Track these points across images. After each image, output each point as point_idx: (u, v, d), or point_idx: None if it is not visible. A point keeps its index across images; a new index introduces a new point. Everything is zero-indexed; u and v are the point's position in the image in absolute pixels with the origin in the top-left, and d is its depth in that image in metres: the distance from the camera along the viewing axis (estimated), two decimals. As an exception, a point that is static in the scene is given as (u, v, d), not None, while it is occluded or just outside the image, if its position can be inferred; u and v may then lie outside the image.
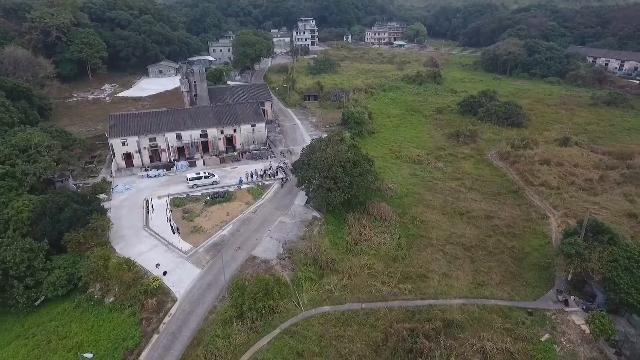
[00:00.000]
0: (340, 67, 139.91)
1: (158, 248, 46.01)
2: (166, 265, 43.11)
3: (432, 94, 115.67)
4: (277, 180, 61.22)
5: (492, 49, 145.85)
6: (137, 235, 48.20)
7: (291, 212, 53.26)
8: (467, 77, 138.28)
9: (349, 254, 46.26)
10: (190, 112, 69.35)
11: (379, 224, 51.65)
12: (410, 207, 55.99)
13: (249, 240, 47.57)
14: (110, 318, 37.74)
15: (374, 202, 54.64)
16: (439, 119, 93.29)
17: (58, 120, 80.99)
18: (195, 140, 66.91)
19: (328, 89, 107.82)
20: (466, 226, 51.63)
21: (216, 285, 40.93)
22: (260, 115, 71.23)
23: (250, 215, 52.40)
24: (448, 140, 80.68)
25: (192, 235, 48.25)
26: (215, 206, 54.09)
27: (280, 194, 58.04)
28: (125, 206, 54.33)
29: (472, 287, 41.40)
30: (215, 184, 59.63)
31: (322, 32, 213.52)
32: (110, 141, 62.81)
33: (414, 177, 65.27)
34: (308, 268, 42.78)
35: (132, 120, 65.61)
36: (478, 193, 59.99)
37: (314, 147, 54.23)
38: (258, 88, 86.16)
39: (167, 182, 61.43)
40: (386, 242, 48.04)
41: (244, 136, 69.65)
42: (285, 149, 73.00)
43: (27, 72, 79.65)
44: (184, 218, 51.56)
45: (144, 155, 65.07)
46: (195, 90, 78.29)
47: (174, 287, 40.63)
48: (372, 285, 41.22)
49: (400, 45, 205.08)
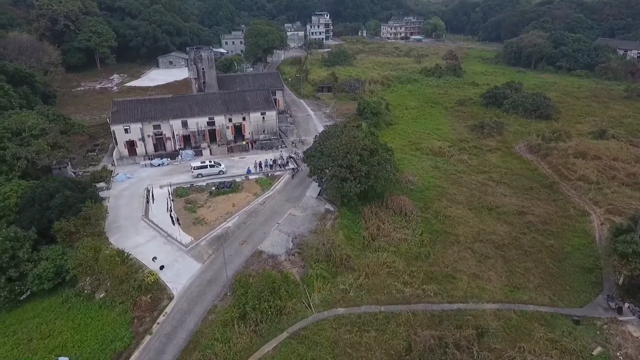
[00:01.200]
0: (356, 60, 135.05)
1: (156, 240, 42.06)
2: (164, 259, 39.09)
3: (453, 86, 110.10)
4: (287, 171, 56.86)
5: (516, 41, 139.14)
6: (135, 226, 44.36)
7: (302, 204, 48.83)
8: (488, 70, 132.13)
9: (365, 250, 41.60)
10: (197, 98, 65.48)
11: (399, 218, 46.85)
12: (432, 201, 51.05)
13: (255, 233, 43.29)
14: (99, 316, 33.80)
15: (393, 195, 49.87)
16: (460, 111, 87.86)
17: (62, 108, 78.05)
18: (202, 128, 62.99)
19: (342, 80, 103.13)
20: (496, 222, 46.46)
21: (218, 281, 36.70)
22: (271, 102, 67.00)
23: (258, 207, 48.14)
24: (471, 132, 75.30)
25: (193, 227, 44.19)
26: (220, 197, 49.99)
27: (291, 185, 53.66)
28: (125, 195, 50.62)
29: (507, 290, 36.31)
30: (221, 174, 55.54)
31: (337, 27, 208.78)
32: (112, 128, 59.31)
33: (436, 169, 60.21)
34: (320, 265, 38.29)
35: (136, 107, 62.02)
36: (508, 187, 54.65)
37: (328, 133, 49.67)
38: (270, 76, 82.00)
39: (170, 171, 57.59)
40: (407, 239, 43.21)
41: (254, 125, 65.48)
42: (297, 139, 68.63)
43: (31, 58, 77.14)
44: (186, 209, 47.55)
45: (148, 143, 61.41)
46: (203, 77, 74.43)
47: (171, 283, 36.54)
48: (393, 285, 36.47)
49: (417, 39, 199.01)
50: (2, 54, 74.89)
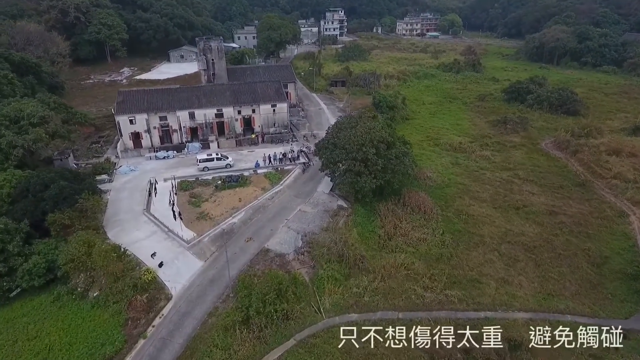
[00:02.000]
0: (370, 55, 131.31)
1: (157, 235, 39.32)
2: (163, 256, 36.29)
3: (472, 81, 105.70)
4: (298, 165, 53.73)
5: (538, 36, 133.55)
6: (136, 220, 41.74)
7: (313, 200, 45.63)
8: (508, 66, 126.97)
9: (381, 250, 38.17)
10: (205, 89, 62.80)
11: (417, 216, 43.26)
12: (453, 198, 47.33)
13: (262, 230, 40.24)
14: (91, 316, 31.10)
15: (411, 192, 46.32)
16: (481, 107, 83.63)
17: (70, 99, 76.36)
18: (209, 120, 60.25)
19: (357, 74, 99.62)
20: (525, 222, 42.53)
21: (220, 281, 33.72)
22: (282, 94, 63.94)
23: (266, 202, 45.09)
24: (493, 127, 71.16)
25: (197, 222, 41.35)
26: (226, 191, 47.11)
27: (302, 180, 50.52)
28: (127, 188, 48.12)
29: (540, 297, 32.52)
30: (228, 168, 52.69)
31: (352, 23, 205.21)
32: (117, 118, 56.96)
33: (456, 166, 56.42)
34: (332, 265, 35.01)
35: (142, 97, 59.60)
36: (535, 185, 50.58)
37: (342, 124, 46.36)
38: (281, 69, 78.99)
39: (176, 164, 54.98)
40: (427, 238, 39.63)
41: (264, 117, 62.49)
42: (308, 133, 65.45)
43: (39, 48, 75.70)
44: (190, 203, 44.78)
45: (154, 135, 58.91)
46: (213, 68, 71.79)
47: (170, 282, 33.69)
48: (412, 289, 32.98)
49: (434, 36, 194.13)
50: (10, 44, 73.52)
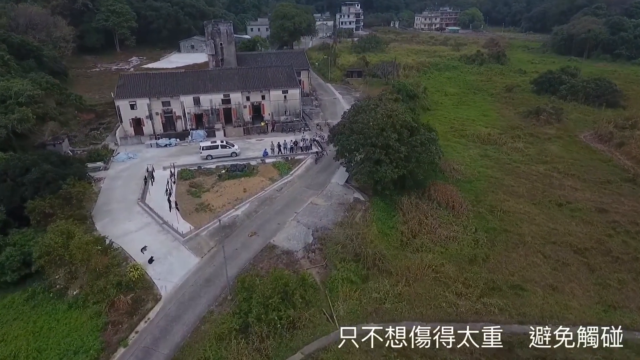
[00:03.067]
0: (388, 47, 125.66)
1: (150, 227, 34.95)
2: (155, 250, 31.87)
3: (496, 73, 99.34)
4: (310, 155, 48.90)
5: (566, 28, 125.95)
6: (128, 210, 37.48)
7: (326, 191, 40.72)
8: (535, 58, 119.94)
9: (405, 249, 33.03)
10: (212, 74, 58.48)
11: (445, 212, 38.01)
12: (485, 193, 41.89)
13: (268, 224, 35.50)
14: (68, 318, 26.78)
15: (437, 184, 41.10)
16: (509, 98, 77.65)
17: (73, 86, 73.15)
18: (216, 106, 55.88)
19: (374, 64, 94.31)
20: (571, 221, 36.85)
21: (217, 281, 29.08)
22: (294, 80, 59.19)
23: (274, 194, 40.37)
24: (524, 119, 65.21)
25: (195, 214, 36.85)
26: (230, 181, 42.57)
27: (314, 171, 45.67)
28: (123, 177, 44.02)
29: (599, 309, 26.97)
30: (234, 156, 48.23)
31: (368, 18, 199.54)
32: (117, 103, 53.04)
33: (486, 158, 50.87)
34: (347, 265, 30.10)
35: (145, 81, 55.59)
36: (578, 180, 44.75)
37: (360, 107, 41.33)
38: (294, 55, 74.27)
39: (178, 152, 50.75)
40: (457, 237, 34.32)
41: (274, 105, 57.83)
42: (322, 122, 60.54)
43: (42, 32, 72.65)
44: (190, 193, 40.35)
45: (156, 121, 54.83)
46: (221, 54, 67.62)
47: (160, 281, 29.20)
48: (442, 296, 27.79)
49: (454, 30, 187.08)
50: (11, 26, 70.53)
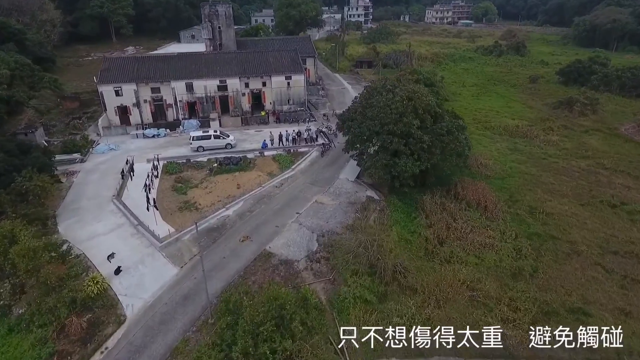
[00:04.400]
0: (399, 38, 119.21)
1: (123, 230, 29.14)
2: (125, 258, 26.05)
3: (516, 65, 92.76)
4: (316, 147, 42.91)
5: (589, 19, 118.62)
6: (100, 208, 31.72)
7: (334, 189, 34.66)
8: (556, 50, 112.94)
9: (431, 259, 26.88)
10: (208, 58, 52.61)
11: (476, 214, 31.79)
12: (521, 191, 35.60)
13: (264, 226, 29.54)
14: (5, 346, 21.06)
15: (465, 181, 34.92)
16: (534, 89, 71.04)
17: (60, 74, 67.91)
18: (211, 93, 50.07)
19: (385, 54, 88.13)
20: (631, 226, 30.44)
21: (198, 299, 23.16)
22: (298, 65, 53.16)
23: (272, 191, 34.41)
24: (554, 110, 58.62)
25: (178, 214, 31.01)
26: (223, 175, 36.70)
27: (320, 165, 39.65)
28: (100, 170, 38.35)
29: (693, 343, 20.62)
30: (229, 148, 42.40)
31: (377, 11, 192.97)
32: (100, 89, 47.49)
33: (517, 152, 44.54)
34: (360, 280, 24.09)
35: (132, 65, 49.93)
36: (629, 177, 38.28)
37: (375, 89, 35.16)
38: (299, 41, 68.25)
39: (167, 143, 45.04)
40: (494, 244, 28.08)
41: (276, 92, 51.88)
42: (329, 112, 54.51)
43: (26, 15, 67.49)
44: (175, 189, 34.51)
45: (145, 110, 49.19)
46: (219, 38, 61.77)
47: (127, 298, 23.37)
48: (483, 322, 21.59)
49: (467, 24, 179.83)
50: (-8, 9, 65.63)
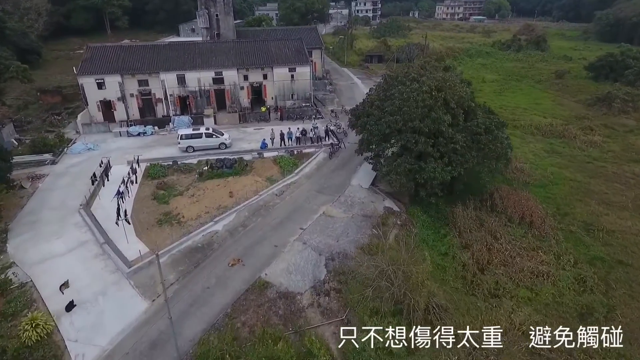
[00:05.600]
0: (410, 33, 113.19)
1: (86, 249, 23.60)
2: (83, 288, 20.53)
3: (538, 60, 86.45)
4: (323, 148, 37.21)
5: (613, 12, 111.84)
6: (63, 221, 26.25)
7: (345, 198, 28.96)
8: (577, 45, 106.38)
9: (471, 292, 21.11)
10: (203, 47, 47.12)
11: (520, 230, 26.00)
12: (569, 202, 29.72)
13: (260, 246, 23.89)
14: None
15: (503, 189, 29.14)
16: (561, 85, 65.02)
17: (46, 67, 63.30)
18: (205, 87, 44.59)
19: (397, 48, 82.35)
20: None
21: (169, 347, 17.52)
22: (303, 55, 47.54)
23: (272, 200, 28.76)
24: (589, 107, 52.64)
25: (157, 229, 25.43)
26: (214, 181, 31.09)
27: (328, 168, 33.93)
28: (72, 173, 32.96)
29: None
30: (223, 148, 36.85)
31: (386, 7, 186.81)
32: (81, 81, 42.20)
33: (555, 154, 38.67)
34: (383, 322, 18.33)
35: (117, 54, 44.58)
36: (697, 186, 32.20)
37: (395, 78, 29.38)
38: (305, 31, 62.37)
39: (153, 142, 39.59)
40: (550, 272, 22.21)
41: (279, 86, 46.30)
42: (338, 109, 48.78)
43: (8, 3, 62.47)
44: (155, 197, 28.95)
45: (131, 105, 43.84)
46: (217, 27, 56.38)
47: (77, 345, 17.81)
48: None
49: (479, 20, 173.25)
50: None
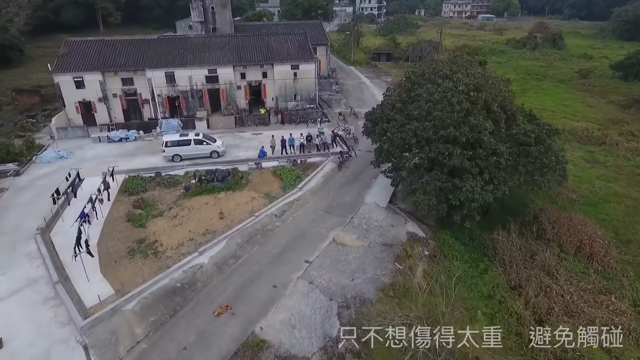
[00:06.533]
0: (419, 30, 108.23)
1: (34, 291, 18.66)
2: (19, 350, 15.58)
3: (556, 59, 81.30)
4: (331, 157, 32.20)
5: (632, 9, 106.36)
6: (14, 250, 21.32)
7: (359, 220, 23.93)
8: (595, 44, 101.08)
9: (528, 354, 15.97)
10: (194, 42, 42.19)
11: (579, 264, 20.90)
12: (629, 224, 24.79)
13: (255, 286, 18.89)
14: None
15: (549, 210, 24.06)
16: (587, 85, 59.77)
17: (29, 65, 58.91)
18: (197, 86, 39.66)
19: (406, 46, 77.51)
20: None
21: None
22: (308, 51, 42.60)
23: (270, 222, 23.76)
24: (625, 110, 47.50)
25: (127, 262, 20.41)
26: (202, 197, 26.04)
27: (337, 182, 28.91)
28: (37, 187, 28.04)
29: None
30: (215, 157, 31.89)
31: (391, 5, 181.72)
32: (57, 79, 37.32)
33: (598, 165, 33.63)
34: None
35: (98, 49, 39.78)
36: None
37: (420, 75, 24.23)
38: (308, 26, 57.43)
39: (136, 150, 34.63)
40: (630, 326, 17.12)
41: (280, 85, 41.34)
42: (346, 111, 43.77)
43: (-13, -5, 58.16)
44: (130, 218, 23.95)
45: (114, 106, 38.93)
46: (212, 20, 51.63)
47: None
48: None
49: (488, 18, 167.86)
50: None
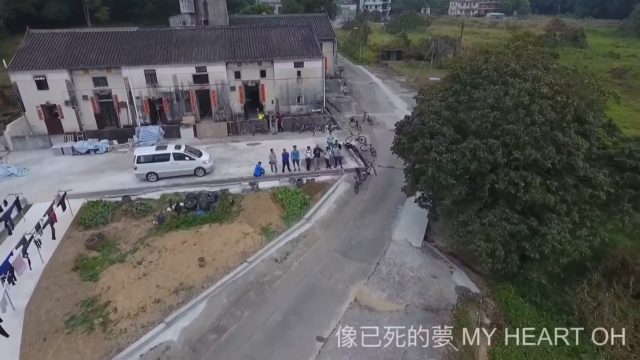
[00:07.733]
0: (428, 28, 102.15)
1: None
2: None
3: (580, 58, 75.10)
4: (345, 175, 25.93)
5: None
6: None
7: (388, 267, 17.65)
8: (618, 42, 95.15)
9: None
10: (181, 35, 35.97)
11: None
12: None
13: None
14: None
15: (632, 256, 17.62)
16: (625, 85, 53.81)
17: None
18: (184, 87, 33.45)
19: (417, 44, 71.46)
20: None
21: None
22: (314, 46, 36.41)
23: (268, 271, 17.47)
24: (679, 115, 41.32)
25: (62, 339, 14.12)
26: (178, 233, 19.73)
27: (355, 209, 22.61)
28: (-31, 216, 21.77)
29: None
30: (200, 175, 25.63)
31: (396, 3, 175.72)
32: (13, 78, 31.15)
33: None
34: None
35: (66, 44, 33.57)
36: None
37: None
38: (313, 20, 51.07)
39: (105, 164, 28.38)
40: None
41: (281, 86, 35.15)
42: (359, 116, 37.51)
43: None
44: (79, 265, 17.66)
45: (85, 110, 32.75)
46: (204, 13, 45.45)
47: None
48: None
49: (497, 16, 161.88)
50: None
